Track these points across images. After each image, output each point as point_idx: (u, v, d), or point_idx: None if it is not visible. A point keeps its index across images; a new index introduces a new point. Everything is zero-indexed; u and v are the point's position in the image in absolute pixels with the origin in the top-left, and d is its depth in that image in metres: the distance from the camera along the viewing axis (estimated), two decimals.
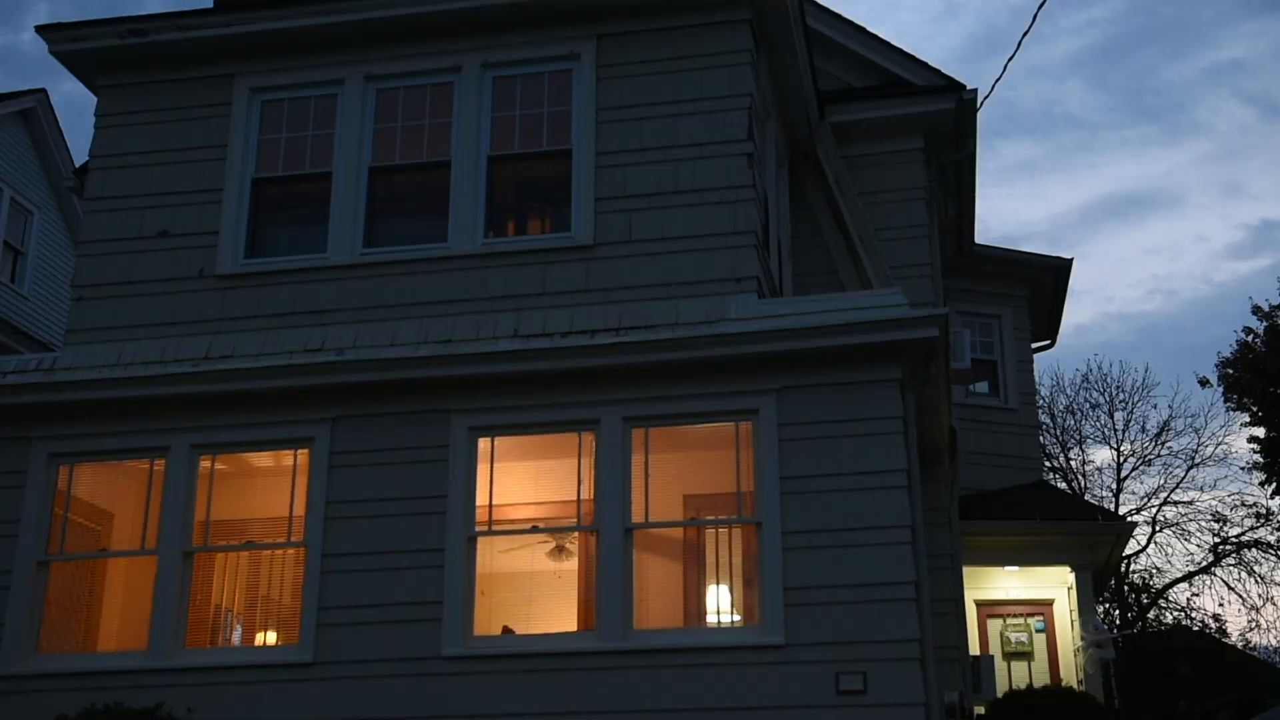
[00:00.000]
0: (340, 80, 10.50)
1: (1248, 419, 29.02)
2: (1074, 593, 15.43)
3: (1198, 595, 37.19)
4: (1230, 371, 29.95)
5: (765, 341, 8.90)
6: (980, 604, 15.51)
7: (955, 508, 12.42)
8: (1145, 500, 36.28)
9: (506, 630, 9.98)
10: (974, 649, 14.35)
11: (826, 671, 8.17)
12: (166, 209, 10.40)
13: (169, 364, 9.62)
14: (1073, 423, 36.97)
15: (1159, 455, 36.66)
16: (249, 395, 9.48)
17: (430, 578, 8.86)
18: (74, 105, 20.73)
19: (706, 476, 9.72)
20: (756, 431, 8.87)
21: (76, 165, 14.88)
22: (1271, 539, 34.17)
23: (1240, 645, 35.54)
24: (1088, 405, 37.38)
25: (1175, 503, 36.27)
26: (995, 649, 15.54)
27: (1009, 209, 76.78)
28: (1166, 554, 42.12)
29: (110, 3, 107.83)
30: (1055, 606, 15.82)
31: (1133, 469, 36.52)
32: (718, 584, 10.42)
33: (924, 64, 12.64)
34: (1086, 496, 32.70)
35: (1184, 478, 39.03)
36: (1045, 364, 43.44)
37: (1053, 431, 36.00)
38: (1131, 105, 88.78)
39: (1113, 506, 33.96)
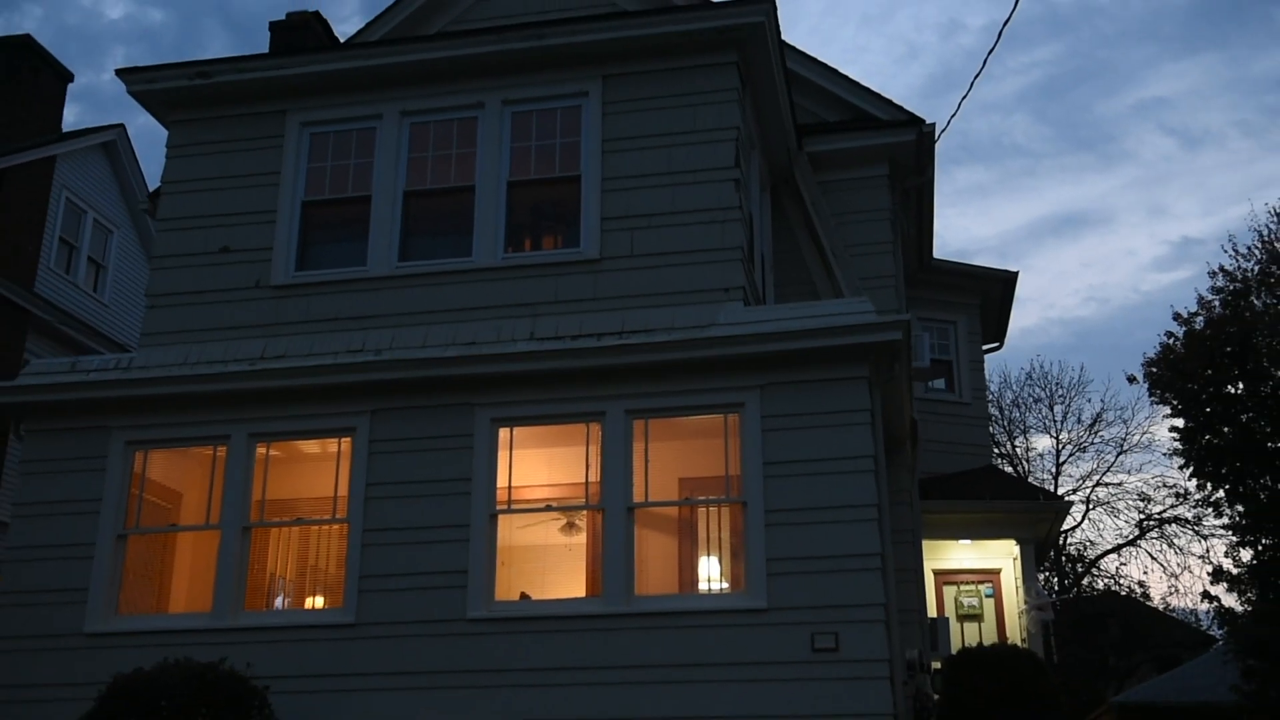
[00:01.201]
0: (379, 115, 10.49)
1: (1169, 411, 28.93)
2: (1018, 563, 15.39)
3: (1125, 565, 37.14)
4: (1154, 370, 29.85)
5: (750, 344, 8.88)
6: (937, 573, 15.48)
7: (916, 489, 12.41)
8: (1080, 482, 36.36)
9: (524, 596, 9.96)
10: (932, 612, 14.32)
11: (803, 632, 8.16)
12: (227, 228, 10.41)
13: (229, 363, 9.61)
14: (1018, 414, 37.05)
15: (1092, 443, 36.76)
16: (299, 390, 9.48)
17: (457, 550, 8.86)
18: (148, 137, 21.03)
19: (699, 462, 9.71)
20: (743, 422, 8.85)
21: (150, 190, 14.87)
22: (1189, 515, 34.20)
23: (1161, 608, 35.61)
24: (1031, 399, 37.45)
25: (1106, 484, 36.33)
26: (950, 612, 15.50)
27: (963, 227, 76.76)
28: (1098, 529, 42.12)
29: (178, 46, 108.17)
30: (1002, 575, 15.79)
31: (1069, 455, 36.60)
32: (708, 556, 10.41)
33: (888, 101, 12.61)
34: (1030, 479, 32.70)
35: (1114, 462, 39.05)
36: (994, 363, 43.40)
37: (1000, 422, 36.04)
38: (1069, 136, 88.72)
39: (1052, 487, 33.98)
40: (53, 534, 9.50)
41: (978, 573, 15.83)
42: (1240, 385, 28.60)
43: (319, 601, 10.97)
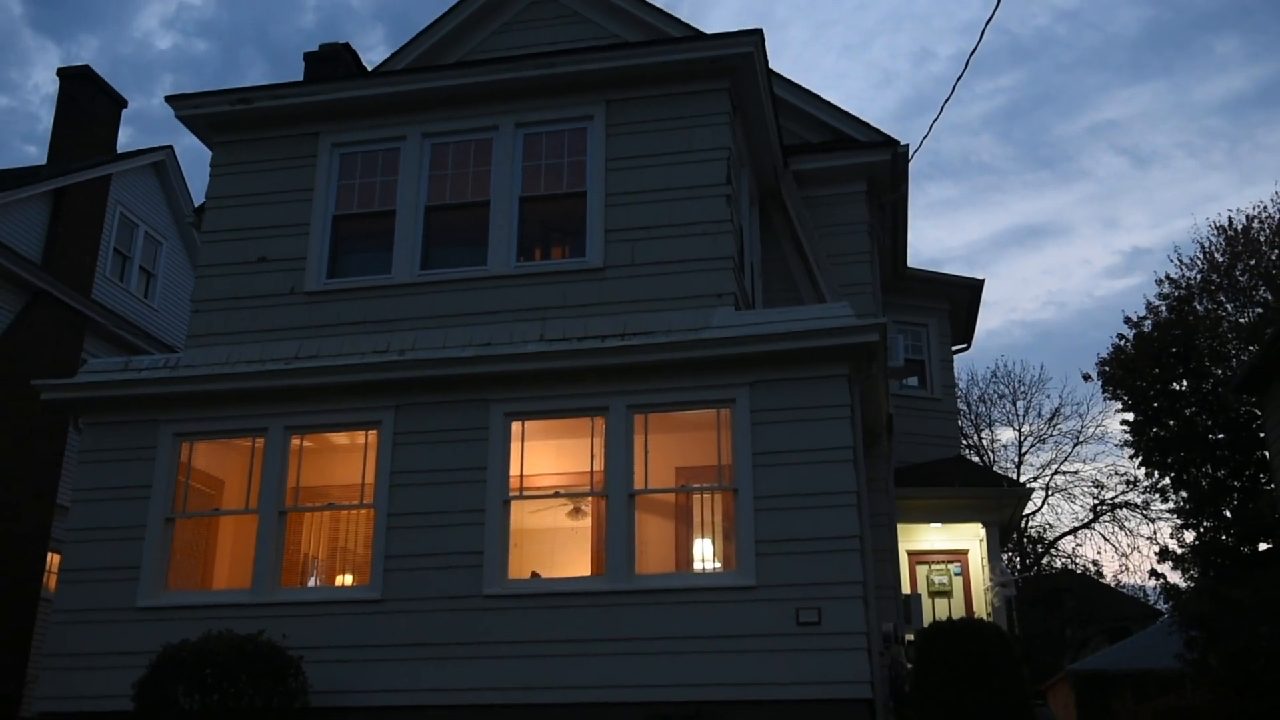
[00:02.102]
0: (402, 137, 10.46)
1: (1120, 406, 29.03)
2: (984, 544, 15.36)
3: (1080, 545, 37.33)
4: (1107, 369, 29.90)
5: (740, 345, 8.84)
6: (911, 553, 15.45)
7: (891, 477, 12.37)
8: (1040, 470, 36.48)
9: (534, 575, 9.93)
10: (906, 589, 14.32)
11: (789, 608, 8.13)
12: (265, 239, 10.38)
13: (267, 362, 9.59)
14: (984, 409, 37.18)
15: (1051, 435, 36.92)
16: (330, 387, 9.44)
17: (474, 533, 8.83)
18: (193, 157, 20.78)
19: (694, 452, 9.66)
20: (734, 416, 8.81)
21: (195, 205, 14.84)
22: (1138, 501, 34.28)
23: (1113, 585, 35.76)
24: (996, 395, 37.57)
25: (1064, 472, 36.45)
26: (922, 589, 15.49)
27: (934, 238, 76.72)
28: (1056, 513, 42.24)
29: (221, 74, 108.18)
30: (969, 555, 15.77)
31: (1030, 446, 36.72)
32: (702, 538, 10.37)
33: (866, 124, 12.58)
34: (994, 468, 32.74)
35: (1070, 453, 39.24)
36: (963, 362, 43.49)
37: (968, 416, 36.13)
38: (1031, 155, 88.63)
39: (1015, 475, 34.03)
40: (108, 517, 9.47)
41: (947, 553, 15.83)
42: (1184, 383, 28.64)
43: (348, 579, 10.93)
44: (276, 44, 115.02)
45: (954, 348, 17.64)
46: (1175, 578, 28.44)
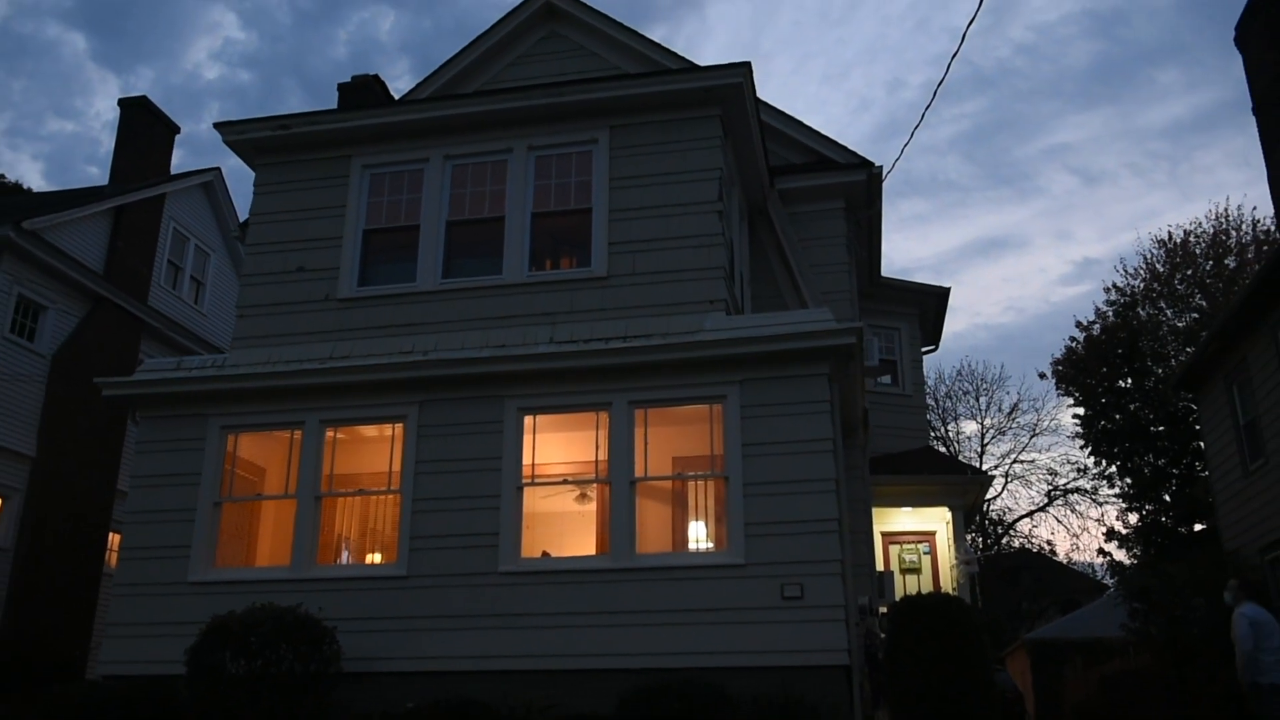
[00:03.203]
0: (426, 159, 10.38)
1: (1072, 402, 29.12)
2: (950, 526, 15.30)
3: (1036, 527, 37.32)
4: (1060, 368, 29.94)
5: (731, 347, 8.76)
6: (885, 534, 15.38)
7: (867, 465, 12.29)
8: (1000, 459, 36.51)
9: (545, 554, 9.85)
10: (880, 566, 14.24)
11: (774, 583, 8.07)
12: (302, 251, 10.31)
13: (304, 362, 9.52)
14: (950, 404, 37.19)
15: (1010, 427, 36.99)
16: (360, 385, 9.37)
17: (490, 516, 8.76)
18: (238, 176, 20.75)
19: (689, 443, 9.59)
20: (725, 411, 8.73)
21: (240, 220, 14.78)
22: (1088, 487, 34.33)
23: (1065, 562, 35.79)
24: (961, 392, 37.58)
25: (1021, 461, 36.48)
26: (895, 566, 15.42)
27: (906, 249, 76.60)
28: (1015, 498, 42.28)
29: (262, 101, 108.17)
30: (937, 536, 15.71)
31: (992, 437, 36.74)
32: (696, 521, 10.31)
33: (843, 147, 12.53)
34: (959, 457, 32.68)
35: (1027, 443, 39.34)
36: (931, 362, 43.42)
37: (936, 411, 36.09)
38: (992, 174, 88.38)
39: (978, 464, 34.02)
40: (162, 501, 9.42)
41: (917, 534, 15.76)
42: (1129, 380, 28.63)
43: (377, 558, 10.87)
44: (312, 74, 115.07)
45: (923, 349, 17.58)
46: (1120, 555, 28.49)
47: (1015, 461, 36.23)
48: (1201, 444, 20.79)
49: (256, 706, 7.50)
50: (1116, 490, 29.21)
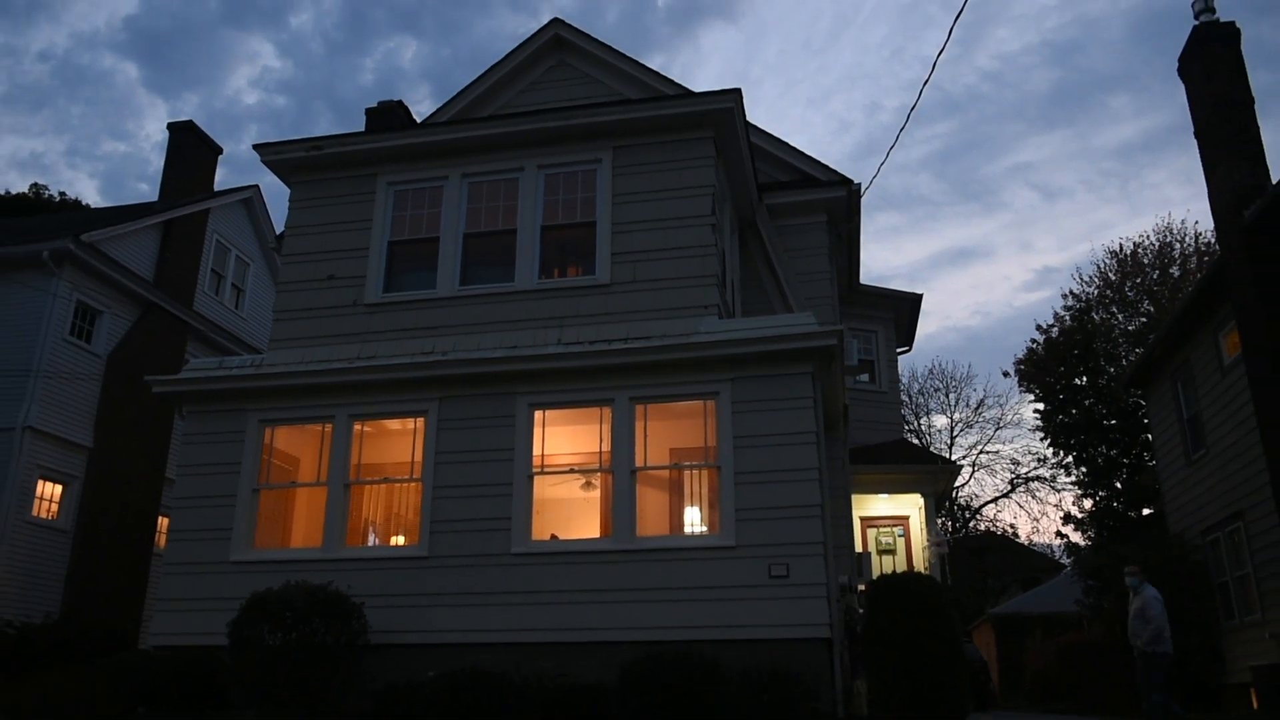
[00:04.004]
0: (445, 176, 10.33)
1: (1033, 398, 29.07)
2: (922, 511, 15.25)
3: (1000, 512, 37.30)
4: (1022, 367, 29.87)
5: (723, 348, 8.72)
6: (863, 519, 15.34)
7: (847, 456, 12.23)
8: (968, 450, 36.48)
9: (553, 536, 9.79)
10: (858, 548, 14.18)
11: (762, 563, 8.03)
12: (333, 261, 10.26)
13: (334, 362, 9.48)
14: (922, 400, 37.11)
15: (977, 421, 36.93)
16: (385, 383, 9.33)
17: (503, 502, 8.72)
18: (274, 192, 20.70)
19: (685, 436, 9.54)
20: (718, 406, 8.69)
21: (277, 233, 14.72)
22: (1047, 475, 34.28)
23: (1026, 544, 35.71)
24: (932, 389, 37.56)
25: (987, 452, 36.53)
26: (872, 548, 15.37)
27: (882, 258, 76.55)
28: (981, 485, 42.18)
29: (296, 123, 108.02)
30: (910, 520, 15.66)
31: (960, 430, 36.69)
32: (692, 507, 10.25)
33: (826, 166, 12.45)
34: (930, 449, 32.68)
35: (992, 435, 39.30)
36: (905, 362, 43.32)
37: (910, 406, 36.03)
38: (961, 190, 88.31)
39: (947, 454, 33.96)
40: (206, 488, 9.38)
41: (892, 518, 15.71)
42: (1084, 379, 28.55)
43: (400, 540, 10.81)
44: (341, 98, 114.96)
45: (898, 349, 17.51)
46: (1076, 538, 28.43)
47: (981, 452, 36.26)
48: (1149, 436, 20.75)
49: (292, 674, 7.48)
50: (1073, 478, 29.16)
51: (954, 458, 33.34)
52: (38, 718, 6.92)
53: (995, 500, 36.26)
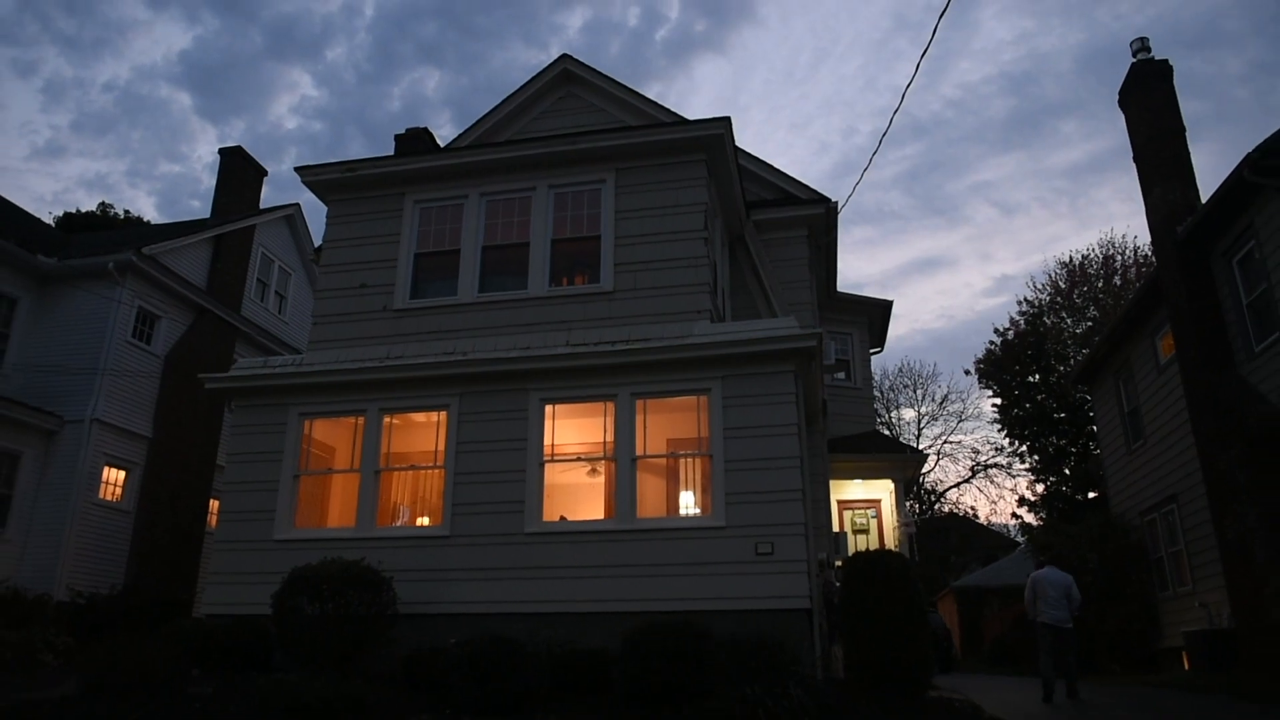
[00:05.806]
0: (465, 195, 10.28)
1: (991, 393, 29.04)
2: (893, 495, 15.21)
3: (962, 495, 37.28)
4: (981, 366, 29.85)
5: (714, 349, 8.67)
6: (840, 502, 15.31)
7: (825, 446, 12.18)
8: (934, 440, 36.41)
9: (562, 518, 9.75)
10: (836, 528, 14.15)
11: (750, 542, 7.97)
12: (365, 271, 10.21)
13: (366, 361, 9.43)
14: (893, 395, 37.04)
15: (941, 414, 36.97)
16: (412, 380, 9.28)
17: (517, 487, 8.66)
18: (312, 209, 20.58)
19: (680, 427, 9.48)
20: (710, 401, 8.64)
21: (315, 246, 14.68)
22: (1004, 462, 34.23)
23: (985, 524, 35.66)
24: (901, 385, 37.50)
25: (950, 442, 36.47)
26: (848, 528, 15.33)
27: (857, 267, 76.23)
28: (945, 472, 42.10)
29: (331, 146, 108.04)
30: (882, 504, 15.62)
31: (926, 422, 36.65)
32: (686, 491, 10.20)
33: (806, 185, 12.43)
34: (900, 439, 32.58)
35: (955, 427, 39.23)
36: (877, 361, 43.25)
37: (881, 401, 35.97)
38: (928, 206, 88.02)
39: (915, 444, 33.91)
40: (252, 474, 9.34)
41: (866, 502, 15.67)
42: (1037, 376, 28.45)
43: (425, 520, 10.75)
44: (371, 123, 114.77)
45: (871, 350, 17.47)
46: (1030, 518, 28.40)
47: (945, 442, 36.23)
48: (1094, 428, 20.71)
49: (329, 640, 7.43)
50: (1027, 465, 29.16)
51: (921, 447, 33.29)
52: (106, 674, 7.03)
53: (958, 485, 36.23)
